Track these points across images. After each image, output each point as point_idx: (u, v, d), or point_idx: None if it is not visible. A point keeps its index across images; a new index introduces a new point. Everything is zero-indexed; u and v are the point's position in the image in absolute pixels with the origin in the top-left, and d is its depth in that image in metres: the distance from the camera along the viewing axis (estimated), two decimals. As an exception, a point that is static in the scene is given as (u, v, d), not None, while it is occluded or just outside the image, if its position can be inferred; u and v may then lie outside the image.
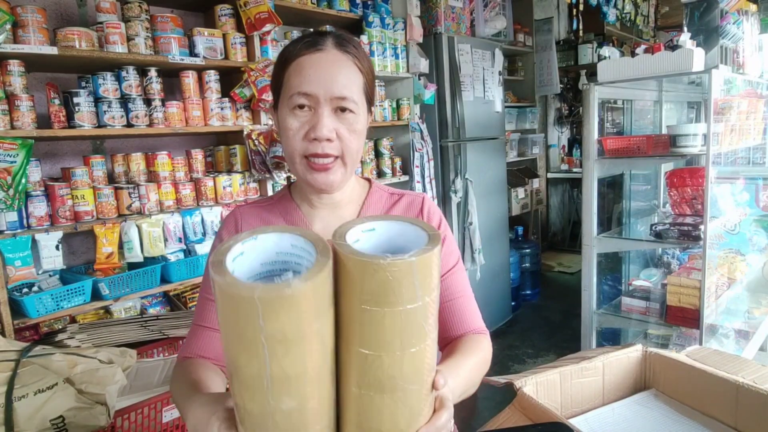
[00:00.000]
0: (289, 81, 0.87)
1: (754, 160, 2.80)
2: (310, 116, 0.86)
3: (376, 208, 0.99)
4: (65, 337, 1.59)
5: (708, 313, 2.19)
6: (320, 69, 0.86)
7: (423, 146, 3.08)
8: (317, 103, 0.85)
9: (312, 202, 0.96)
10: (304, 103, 0.85)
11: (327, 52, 0.87)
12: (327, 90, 0.85)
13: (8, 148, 1.65)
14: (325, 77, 0.85)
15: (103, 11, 1.89)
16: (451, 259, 0.98)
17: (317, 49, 0.87)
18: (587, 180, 2.43)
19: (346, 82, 0.86)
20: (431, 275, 0.54)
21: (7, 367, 1.25)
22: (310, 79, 0.85)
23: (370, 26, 2.86)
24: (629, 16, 4.95)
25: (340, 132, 0.86)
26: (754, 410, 1.08)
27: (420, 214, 0.98)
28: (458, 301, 0.96)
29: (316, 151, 0.86)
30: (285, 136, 0.88)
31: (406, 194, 1.02)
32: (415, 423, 0.62)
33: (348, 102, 0.86)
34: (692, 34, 2.44)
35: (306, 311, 0.49)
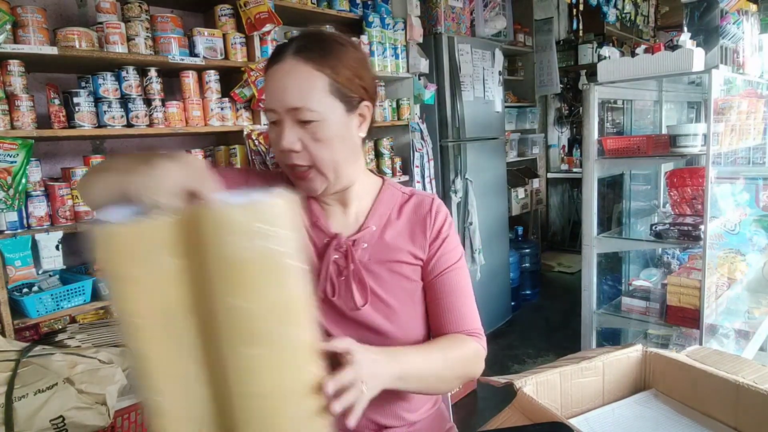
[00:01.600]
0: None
1: (754, 160, 2.80)
2: (278, 130, 0.87)
3: (388, 205, 0.99)
4: (65, 337, 1.59)
5: (708, 313, 2.19)
6: (275, 81, 0.86)
7: (423, 146, 3.08)
8: (279, 116, 0.85)
9: (327, 199, 0.97)
10: (272, 117, 0.87)
11: (284, 63, 0.86)
12: (281, 102, 0.84)
13: (8, 148, 1.65)
14: (278, 89, 0.85)
15: (103, 11, 1.89)
16: (453, 256, 0.99)
17: (276, 61, 0.87)
18: (587, 180, 2.43)
19: (299, 91, 0.84)
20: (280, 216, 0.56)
21: (7, 367, 1.25)
22: (270, 94, 0.87)
23: (370, 26, 2.86)
24: (629, 16, 4.95)
25: (304, 142, 0.85)
26: (754, 410, 1.08)
27: (429, 214, 0.99)
28: (453, 297, 0.97)
29: (286, 162, 0.88)
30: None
31: (416, 194, 1.03)
32: (302, 378, 0.59)
33: (303, 112, 0.84)
34: (692, 34, 2.44)
35: (120, 253, 0.53)
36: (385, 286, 0.95)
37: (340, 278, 0.93)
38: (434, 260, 0.98)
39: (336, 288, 0.93)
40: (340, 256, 0.94)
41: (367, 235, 0.96)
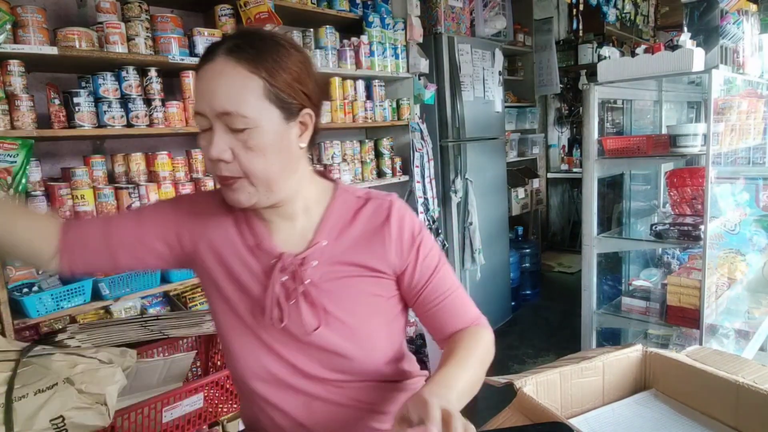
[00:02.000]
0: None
1: (754, 160, 2.79)
2: (208, 137, 0.79)
3: (340, 214, 0.90)
4: (65, 337, 1.59)
5: (708, 313, 2.19)
6: (205, 83, 0.78)
7: (423, 146, 3.08)
8: (209, 121, 0.78)
9: (264, 214, 0.89)
10: (202, 123, 0.79)
11: (215, 63, 0.78)
12: (210, 107, 0.77)
13: (8, 148, 1.65)
14: (208, 92, 0.77)
15: (103, 11, 1.89)
16: (432, 260, 0.92)
17: (208, 60, 0.79)
18: (587, 180, 2.43)
19: (230, 94, 0.76)
20: None
21: (7, 367, 1.25)
22: (199, 96, 0.78)
23: (370, 26, 2.86)
24: (629, 16, 4.95)
25: (235, 151, 0.78)
26: (754, 410, 1.08)
27: (387, 223, 0.89)
28: (449, 298, 0.92)
29: (216, 172, 0.81)
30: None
31: (373, 198, 0.92)
32: None
33: (234, 118, 0.76)
34: (692, 34, 2.44)
35: None
36: (342, 304, 0.87)
37: (290, 302, 0.86)
38: (415, 272, 0.91)
39: (285, 313, 0.85)
40: (288, 277, 0.86)
41: (317, 252, 0.87)
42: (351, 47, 2.77)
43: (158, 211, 0.93)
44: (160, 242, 0.91)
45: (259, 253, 0.88)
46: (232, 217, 0.91)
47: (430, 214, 3.10)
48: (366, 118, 2.87)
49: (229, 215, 0.91)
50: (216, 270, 0.90)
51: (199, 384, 1.47)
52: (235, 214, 0.91)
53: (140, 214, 0.94)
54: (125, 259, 0.89)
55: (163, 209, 0.93)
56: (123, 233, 0.89)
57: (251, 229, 0.90)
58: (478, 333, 0.91)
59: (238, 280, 0.89)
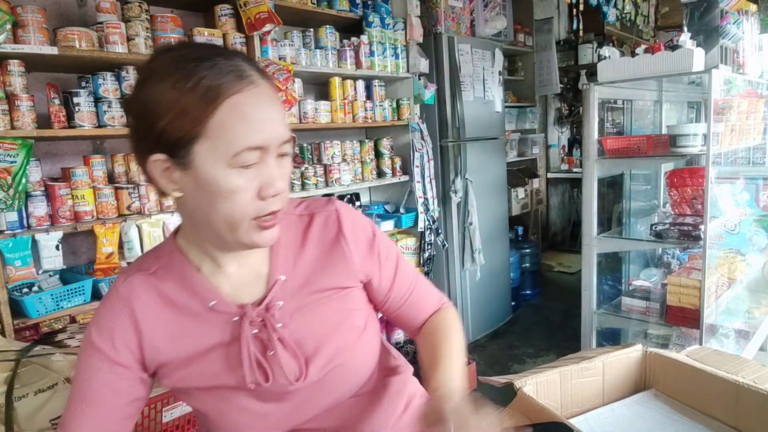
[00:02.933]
0: (226, 132, 0.65)
1: (754, 160, 2.79)
2: (255, 170, 0.68)
3: (288, 242, 0.82)
4: (65, 337, 1.59)
5: (708, 313, 2.19)
6: (264, 111, 0.68)
7: (423, 146, 3.08)
8: (266, 153, 0.69)
9: (218, 260, 0.78)
10: (253, 160, 0.67)
11: (259, 85, 0.69)
12: (278, 136, 0.69)
13: (8, 148, 1.65)
14: (271, 120, 0.69)
15: (103, 11, 1.89)
16: (391, 260, 0.89)
17: (249, 83, 0.68)
18: (587, 180, 2.43)
19: (284, 119, 0.72)
20: None
21: (7, 367, 1.25)
22: (260, 127, 0.67)
23: (370, 26, 2.86)
24: (629, 16, 4.95)
25: (285, 181, 0.72)
26: (754, 410, 1.08)
27: (340, 233, 0.83)
28: (414, 293, 0.93)
29: (271, 209, 0.70)
30: (226, 201, 0.68)
31: (316, 212, 0.85)
32: None
33: (289, 144, 0.72)
34: (692, 34, 2.44)
35: None
36: (319, 335, 0.80)
37: (268, 353, 0.77)
38: (381, 278, 0.88)
39: (267, 370, 0.77)
40: (259, 329, 0.77)
41: (279, 291, 0.79)
42: (351, 47, 2.77)
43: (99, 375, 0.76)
44: (134, 391, 0.78)
45: (216, 315, 0.77)
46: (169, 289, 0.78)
47: (430, 214, 3.10)
48: (366, 118, 2.87)
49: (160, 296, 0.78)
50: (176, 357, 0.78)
51: (199, 384, 1.47)
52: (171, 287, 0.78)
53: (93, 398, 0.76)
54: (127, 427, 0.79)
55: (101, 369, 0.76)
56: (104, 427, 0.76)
57: (192, 291, 0.77)
58: (447, 319, 0.93)
59: (202, 352, 0.78)
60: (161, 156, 0.69)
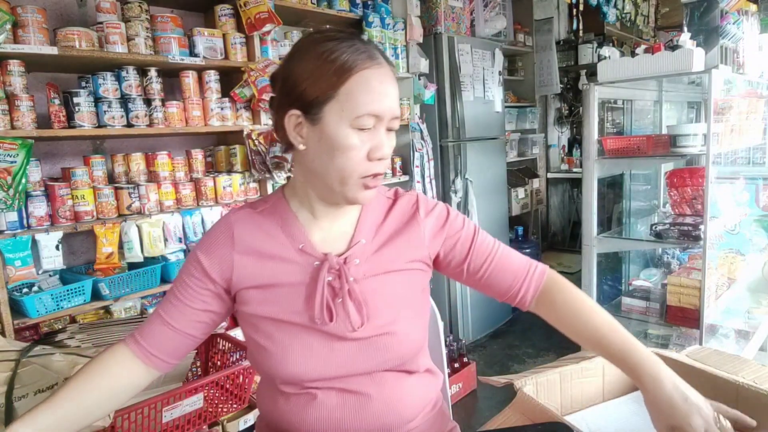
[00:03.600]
0: (353, 96, 0.80)
1: (754, 160, 2.79)
2: (369, 135, 0.83)
3: (374, 214, 0.96)
4: (65, 337, 1.59)
5: (708, 313, 2.19)
6: (387, 86, 0.83)
7: (423, 146, 3.08)
8: (380, 121, 0.83)
9: (316, 213, 0.93)
10: (370, 124, 0.82)
11: (385, 67, 0.84)
12: (392, 109, 0.84)
13: (8, 148, 1.65)
14: (390, 95, 0.84)
15: (103, 11, 1.89)
16: (469, 231, 1.00)
17: (378, 63, 0.83)
18: (587, 180, 2.43)
19: (398, 99, 0.86)
20: None
21: (7, 367, 1.25)
22: (380, 98, 0.82)
23: (370, 26, 2.86)
24: (629, 16, 4.95)
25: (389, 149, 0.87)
26: (754, 410, 1.08)
27: (416, 212, 0.97)
28: (496, 257, 1.00)
29: (378, 171, 0.85)
30: (342, 155, 0.82)
31: (399, 197, 1.00)
32: None
33: (398, 121, 0.86)
34: (692, 34, 2.44)
35: None
36: (382, 299, 0.91)
37: (336, 300, 0.89)
38: (457, 244, 0.98)
39: (333, 312, 0.88)
40: (334, 277, 0.89)
41: (358, 251, 0.92)
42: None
43: (192, 279, 0.92)
44: (211, 304, 0.93)
45: (302, 257, 0.91)
46: (269, 225, 0.93)
47: (430, 214, 3.10)
48: (366, 118, 2.87)
49: (260, 229, 0.92)
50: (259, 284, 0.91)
51: (199, 384, 1.47)
52: (271, 225, 0.93)
53: (182, 293, 0.92)
54: (199, 332, 0.93)
55: (194, 274, 0.92)
56: (180, 318, 0.91)
57: (290, 234, 0.92)
58: (559, 281, 1.06)
59: (282, 285, 0.90)
60: (297, 112, 0.84)
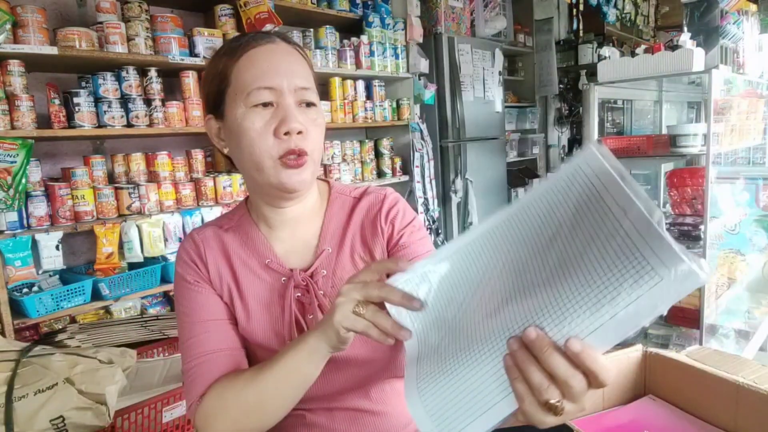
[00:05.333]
0: (241, 76, 0.77)
1: (754, 160, 2.79)
2: (273, 112, 0.77)
3: (338, 218, 0.89)
4: (65, 337, 1.59)
5: (708, 313, 2.19)
6: (277, 59, 0.78)
7: (423, 146, 3.08)
8: (281, 95, 0.77)
9: (270, 222, 0.86)
10: (266, 99, 0.77)
11: (278, 44, 0.80)
12: (290, 81, 0.77)
13: (8, 148, 1.65)
14: (285, 68, 0.78)
15: (103, 11, 1.89)
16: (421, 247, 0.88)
17: (267, 41, 0.80)
18: (587, 180, 2.42)
19: (303, 72, 0.80)
20: None
21: (7, 367, 1.25)
22: (269, 71, 0.77)
23: (370, 26, 2.86)
24: (629, 16, 4.95)
25: (307, 127, 0.78)
26: (754, 410, 1.08)
27: (380, 212, 0.88)
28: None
29: (290, 147, 0.76)
30: (247, 139, 0.76)
31: (367, 194, 0.92)
32: None
33: (310, 93, 0.80)
34: (692, 34, 2.44)
35: None
36: None
37: (307, 317, 0.84)
38: (401, 239, 0.87)
39: (305, 329, 0.83)
40: (302, 293, 0.84)
41: (325, 261, 0.86)
42: (351, 47, 2.77)
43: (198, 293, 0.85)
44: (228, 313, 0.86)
45: (268, 273, 0.85)
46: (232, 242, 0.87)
47: (430, 214, 3.10)
48: (366, 118, 2.87)
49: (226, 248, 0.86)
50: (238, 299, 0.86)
51: (199, 384, 1.47)
52: (234, 241, 0.87)
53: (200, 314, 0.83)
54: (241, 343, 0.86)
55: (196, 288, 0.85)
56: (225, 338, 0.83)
57: (254, 249, 0.86)
58: None
59: (254, 306, 0.85)
60: (210, 116, 0.83)
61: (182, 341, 0.83)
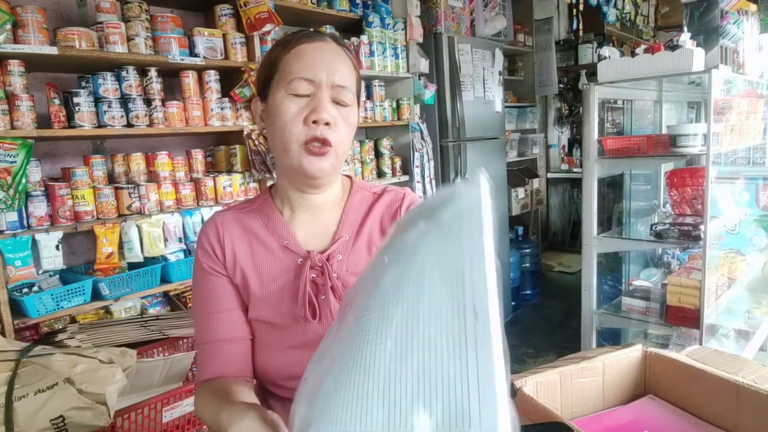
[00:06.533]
0: (288, 66, 0.85)
1: (754, 160, 2.79)
2: (308, 102, 0.84)
3: (358, 210, 0.96)
4: (65, 337, 1.59)
5: (708, 313, 2.19)
6: (323, 56, 0.85)
7: (423, 146, 3.08)
8: (318, 88, 0.84)
9: (293, 205, 0.93)
10: (304, 90, 0.84)
11: (328, 43, 0.88)
12: (329, 77, 0.84)
13: (8, 148, 1.65)
14: (327, 65, 0.85)
15: (103, 11, 1.89)
16: None
17: (319, 39, 0.87)
18: (587, 180, 2.43)
19: (346, 73, 0.87)
20: None
21: (7, 367, 1.25)
22: (312, 65, 0.84)
23: (370, 26, 2.86)
24: (629, 16, 4.95)
25: (336, 120, 0.85)
26: (754, 410, 1.08)
27: (398, 211, 0.96)
28: None
29: (315, 135, 0.83)
30: (280, 121, 0.84)
31: (386, 192, 1.00)
32: None
33: (346, 92, 0.86)
34: (692, 34, 2.44)
35: None
36: None
37: (320, 297, 0.89)
38: None
39: (317, 309, 0.88)
40: (317, 274, 0.90)
41: (341, 246, 0.92)
42: (351, 47, 2.77)
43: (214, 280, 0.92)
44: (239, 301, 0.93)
45: (286, 253, 0.91)
46: (252, 224, 0.93)
47: (430, 214, 3.09)
48: (366, 118, 2.87)
49: (245, 229, 0.93)
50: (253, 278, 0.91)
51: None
52: (255, 223, 0.93)
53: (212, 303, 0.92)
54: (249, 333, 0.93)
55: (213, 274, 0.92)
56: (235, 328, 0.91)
57: (275, 231, 0.92)
58: None
59: (270, 284, 0.91)
60: (257, 98, 0.91)
61: (195, 320, 0.92)
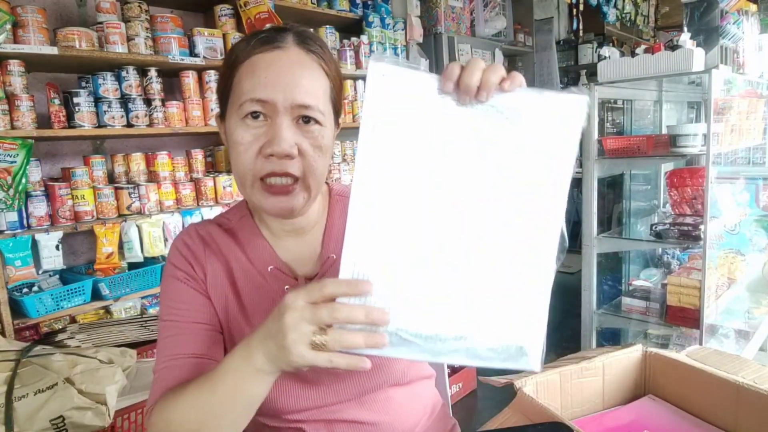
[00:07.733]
0: (240, 83, 0.71)
1: (754, 160, 2.79)
2: (265, 128, 0.70)
3: (341, 222, 0.83)
4: (65, 337, 1.59)
5: (708, 313, 2.19)
6: (279, 70, 0.70)
7: (423, 146, 3.07)
8: (274, 111, 0.70)
9: (273, 230, 0.83)
10: (259, 111, 0.70)
11: (287, 51, 0.72)
12: (287, 96, 0.69)
13: (8, 148, 1.65)
14: (285, 80, 0.70)
15: (103, 11, 1.89)
16: None
17: (275, 47, 0.71)
18: (587, 180, 2.43)
19: (311, 87, 0.71)
20: None
21: (7, 367, 1.25)
22: (265, 83, 0.69)
23: (370, 26, 2.86)
24: (629, 16, 4.95)
25: (302, 147, 0.71)
26: (754, 410, 1.08)
27: None
28: None
29: (274, 170, 0.70)
30: (234, 152, 0.72)
31: None
32: None
33: (313, 111, 0.71)
34: (692, 34, 2.44)
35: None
36: None
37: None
38: None
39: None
40: None
41: (330, 269, 0.83)
42: (351, 47, 2.77)
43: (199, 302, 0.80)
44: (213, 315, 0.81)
45: (273, 279, 0.81)
46: (233, 244, 0.83)
47: (430, 214, 3.10)
48: (366, 118, 2.87)
49: (225, 249, 0.82)
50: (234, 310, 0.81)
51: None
52: (236, 243, 0.83)
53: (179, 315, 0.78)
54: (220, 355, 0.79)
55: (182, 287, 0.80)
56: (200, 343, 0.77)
57: (259, 255, 0.82)
58: None
59: (254, 311, 0.81)
60: (219, 116, 0.80)
61: (159, 339, 0.78)
